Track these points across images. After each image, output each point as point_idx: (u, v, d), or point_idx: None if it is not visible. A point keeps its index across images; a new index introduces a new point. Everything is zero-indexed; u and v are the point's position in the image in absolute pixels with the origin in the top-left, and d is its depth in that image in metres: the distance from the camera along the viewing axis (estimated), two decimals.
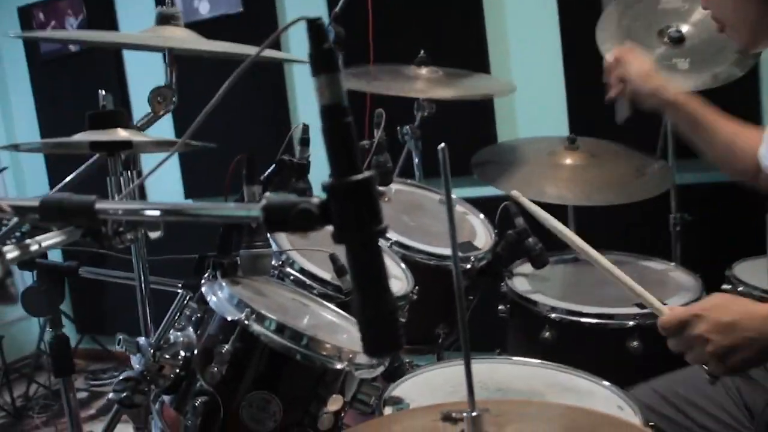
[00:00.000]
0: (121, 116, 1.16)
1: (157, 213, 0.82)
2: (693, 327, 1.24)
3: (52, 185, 4.34)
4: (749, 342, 1.21)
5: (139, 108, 1.54)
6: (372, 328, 0.73)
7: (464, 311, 0.94)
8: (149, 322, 1.51)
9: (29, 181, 4.55)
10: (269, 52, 1.42)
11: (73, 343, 4.31)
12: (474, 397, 0.92)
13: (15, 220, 0.89)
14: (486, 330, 1.95)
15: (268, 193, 0.73)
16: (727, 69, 2.12)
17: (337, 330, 1.34)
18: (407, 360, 1.71)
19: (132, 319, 1.63)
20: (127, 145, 1.15)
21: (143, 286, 1.49)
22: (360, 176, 0.71)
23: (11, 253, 0.89)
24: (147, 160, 3.84)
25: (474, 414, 0.91)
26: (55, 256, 4.32)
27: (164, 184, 3.89)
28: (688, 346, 1.26)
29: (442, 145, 0.87)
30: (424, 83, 2.20)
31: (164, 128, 3.20)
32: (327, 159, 0.72)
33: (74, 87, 3.91)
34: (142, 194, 4.04)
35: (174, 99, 1.44)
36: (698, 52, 2.20)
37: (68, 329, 4.22)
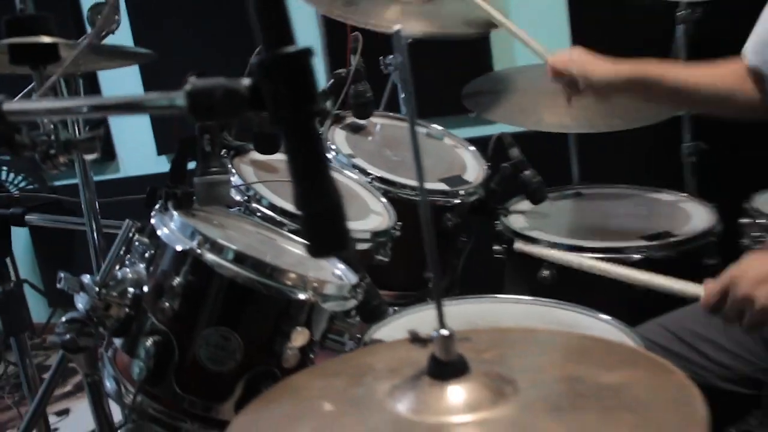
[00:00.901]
0: (45, 21, 1.12)
1: (81, 108, 0.79)
2: (734, 291, 1.28)
3: None
4: None
5: None
6: (314, 222, 0.71)
7: (431, 232, 0.91)
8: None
9: None
10: None
11: (45, 318, 4.34)
12: (443, 316, 0.90)
13: None
14: (482, 272, 1.94)
15: (193, 78, 0.70)
16: None
17: (306, 264, 1.32)
18: (395, 308, 1.70)
19: None
20: (52, 54, 1.11)
21: (94, 229, 1.47)
22: (292, 49, 0.68)
23: None
24: (107, 90, 3.78)
25: (444, 333, 0.89)
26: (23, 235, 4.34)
27: (136, 142, 3.88)
28: (738, 312, 1.29)
29: (398, 26, 0.84)
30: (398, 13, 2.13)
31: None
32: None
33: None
34: (111, 153, 4.04)
35: (117, 17, 1.39)
36: None
37: (40, 304, 4.25)
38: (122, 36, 3.54)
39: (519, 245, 1.69)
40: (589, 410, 0.87)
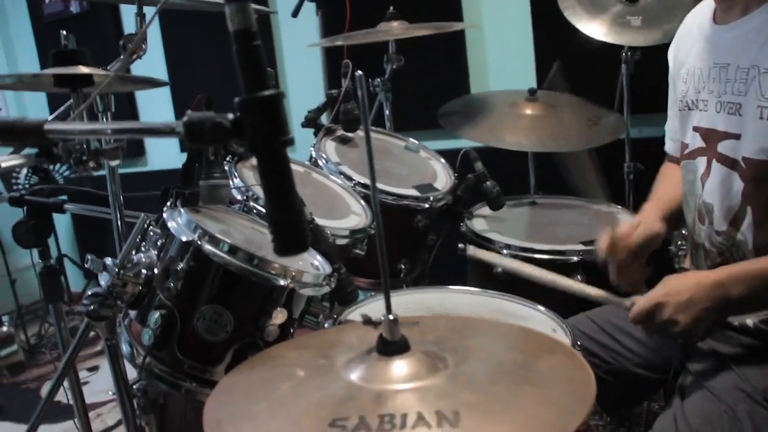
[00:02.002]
0: (83, 55, 1.20)
1: (106, 130, 0.87)
2: (659, 314, 1.31)
3: None
4: (707, 311, 1.28)
5: (138, 69, 1.55)
6: (280, 229, 0.78)
7: (380, 226, 0.98)
8: None
9: None
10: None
11: (81, 287, 4.41)
12: (390, 302, 0.97)
13: None
14: (448, 266, 2.01)
15: (189, 111, 0.77)
16: (677, 26, 2.12)
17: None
18: (371, 293, 1.77)
19: None
20: (88, 80, 1.19)
21: (118, 219, 1.54)
22: (267, 92, 0.75)
23: None
24: (143, 108, 3.87)
25: (390, 317, 0.95)
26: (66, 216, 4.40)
27: (162, 141, 3.93)
28: (659, 329, 1.34)
29: (359, 73, 0.91)
30: (393, 30, 2.22)
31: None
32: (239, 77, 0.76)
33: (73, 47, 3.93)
34: (141, 149, 4.10)
35: (144, 46, 1.47)
36: (650, 10, 2.23)
37: (77, 276, 4.33)
38: (157, 60, 3.62)
39: (471, 251, 1.72)
40: (500, 384, 0.93)
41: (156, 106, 3.87)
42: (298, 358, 1.09)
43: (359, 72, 0.90)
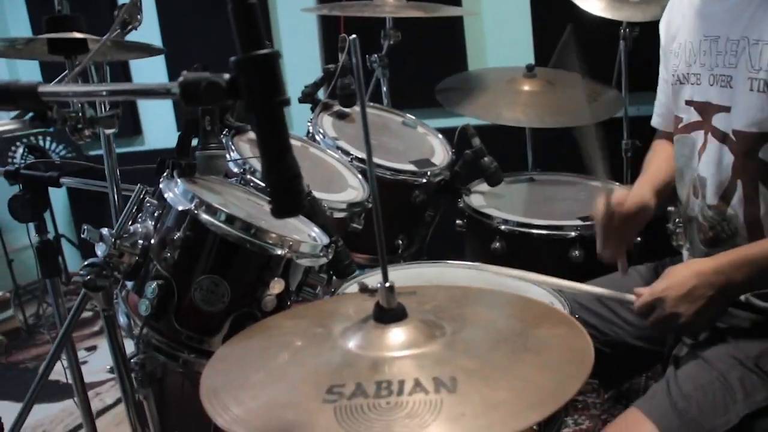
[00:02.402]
0: (77, 20, 1.18)
1: (101, 92, 0.86)
2: (661, 309, 1.30)
3: None
4: (709, 300, 1.27)
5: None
6: (277, 190, 0.77)
7: (377, 200, 0.97)
8: None
9: None
10: None
11: (78, 267, 4.39)
12: (387, 269, 0.96)
13: None
14: (446, 242, 2.00)
15: (185, 72, 0.76)
16: None
17: (286, 226, 1.38)
18: (368, 267, 1.76)
19: None
20: (82, 46, 1.17)
21: (114, 191, 1.53)
22: (263, 51, 0.74)
23: None
24: (138, 77, 3.81)
25: (387, 285, 0.95)
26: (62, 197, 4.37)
27: (159, 120, 3.93)
28: (663, 323, 1.32)
29: (353, 36, 0.89)
30: (391, 8, 2.20)
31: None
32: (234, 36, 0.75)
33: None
34: (138, 129, 4.08)
35: (139, 16, 1.44)
36: None
37: (74, 255, 4.30)
38: (152, 31, 3.59)
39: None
40: (498, 351, 0.93)
41: (151, 78, 3.84)
42: (295, 328, 1.08)
43: (353, 36, 0.88)
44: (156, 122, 3.94)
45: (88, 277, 1.21)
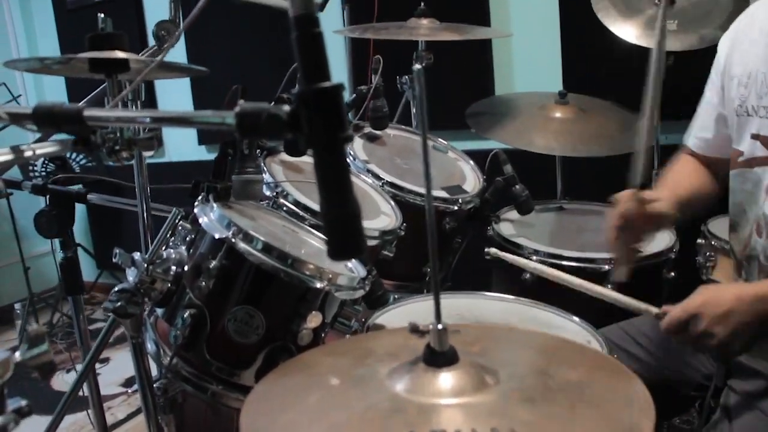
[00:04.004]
0: (120, 39, 1.14)
1: (145, 119, 0.81)
2: (694, 325, 1.24)
3: None
4: (746, 326, 1.22)
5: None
6: (335, 230, 0.72)
7: (434, 234, 0.91)
8: (150, 245, 1.50)
9: None
10: None
11: (93, 277, 4.36)
12: (440, 312, 0.91)
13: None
14: (473, 271, 1.94)
15: (242, 101, 0.71)
16: (713, 31, 2.08)
17: (323, 256, 1.33)
18: (396, 296, 1.71)
19: None
20: (124, 65, 1.12)
21: (144, 211, 1.48)
22: (328, 84, 0.69)
23: (4, 156, 0.88)
24: (162, 98, 3.83)
25: (440, 326, 0.89)
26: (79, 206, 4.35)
27: (181, 133, 3.90)
28: (694, 341, 1.26)
29: (418, 66, 0.85)
30: (425, 31, 2.16)
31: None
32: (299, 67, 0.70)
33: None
34: (159, 141, 4.04)
35: (177, 33, 1.40)
36: (686, 14, 2.15)
37: (89, 265, 4.27)
38: (177, 48, 3.57)
39: (494, 251, 1.64)
40: (556, 403, 0.88)
41: (174, 93, 3.82)
42: (334, 366, 1.03)
43: (417, 66, 0.83)
44: (177, 134, 3.90)
45: (119, 303, 1.16)
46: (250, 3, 1.40)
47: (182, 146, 3.92)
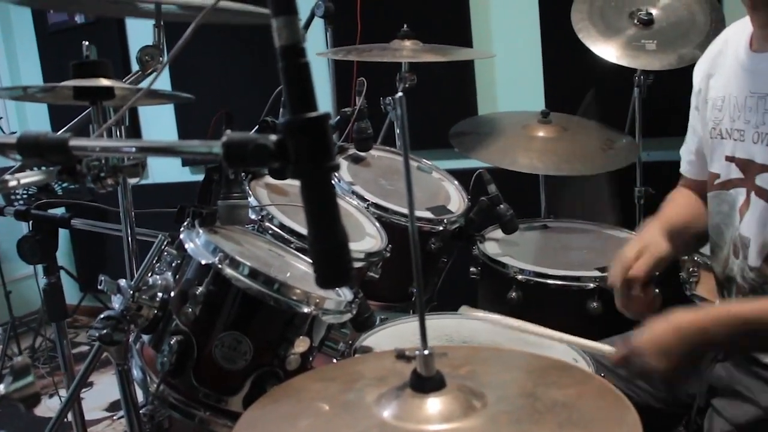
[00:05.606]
0: (105, 66, 1.14)
1: (131, 149, 0.81)
2: (637, 361, 1.26)
3: None
4: (687, 356, 1.23)
5: (143, 82, 1.51)
6: (323, 260, 0.72)
7: (418, 257, 0.92)
8: (135, 270, 1.49)
9: None
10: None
11: (76, 300, 4.31)
12: (426, 337, 0.91)
13: None
14: (459, 290, 1.95)
15: (229, 131, 0.71)
16: (691, 51, 2.12)
17: (309, 279, 1.33)
18: (382, 317, 1.70)
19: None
20: (109, 93, 1.12)
21: (129, 236, 1.47)
22: (314, 114, 0.69)
23: None
24: (145, 123, 3.83)
25: (426, 352, 0.90)
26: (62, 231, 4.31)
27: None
28: (640, 375, 1.31)
29: (399, 94, 0.85)
30: (408, 52, 2.18)
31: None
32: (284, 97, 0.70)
33: (79, 57, 3.86)
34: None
35: (162, 58, 1.41)
36: (665, 34, 2.20)
37: (72, 288, 4.23)
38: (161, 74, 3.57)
39: (464, 309, 1.61)
40: (545, 425, 0.88)
41: (157, 116, 3.81)
42: (323, 392, 1.03)
43: (399, 94, 0.84)
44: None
45: (105, 331, 1.15)
46: (232, 24, 1.40)
47: (166, 168, 3.91)
